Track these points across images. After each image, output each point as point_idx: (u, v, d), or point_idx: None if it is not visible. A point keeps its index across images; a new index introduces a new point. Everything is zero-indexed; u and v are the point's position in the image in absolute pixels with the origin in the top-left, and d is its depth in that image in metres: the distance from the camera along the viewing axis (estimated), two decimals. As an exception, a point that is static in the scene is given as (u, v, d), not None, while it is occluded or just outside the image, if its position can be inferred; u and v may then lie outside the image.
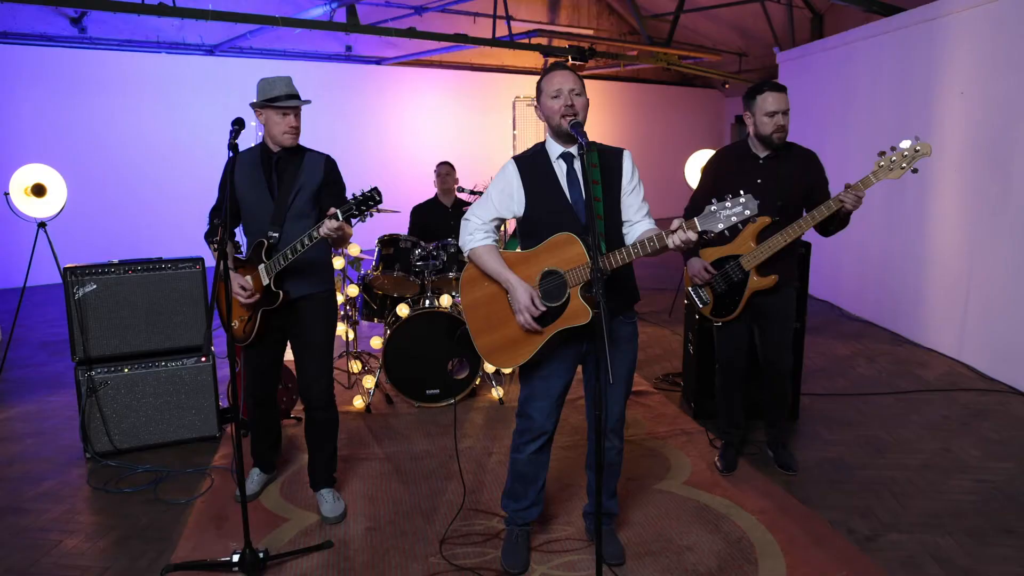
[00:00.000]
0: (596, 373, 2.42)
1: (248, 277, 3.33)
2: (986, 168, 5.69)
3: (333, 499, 3.58)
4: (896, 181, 3.77)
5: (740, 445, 4.21)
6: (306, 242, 3.15)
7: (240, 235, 3.51)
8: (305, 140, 3.45)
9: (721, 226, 2.49)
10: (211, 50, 10.90)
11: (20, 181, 5.49)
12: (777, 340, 3.86)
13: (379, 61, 12.53)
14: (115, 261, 4.22)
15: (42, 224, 5.62)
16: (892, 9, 7.25)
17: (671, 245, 2.58)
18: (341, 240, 3.21)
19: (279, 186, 3.31)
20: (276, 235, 3.30)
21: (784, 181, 3.65)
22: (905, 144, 3.35)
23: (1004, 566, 3.12)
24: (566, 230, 2.76)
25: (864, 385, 5.44)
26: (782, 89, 3.58)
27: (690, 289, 3.89)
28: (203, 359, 4.34)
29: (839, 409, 4.95)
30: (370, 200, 3.03)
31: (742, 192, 2.50)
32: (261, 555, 3.02)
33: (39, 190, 5.53)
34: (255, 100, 3.30)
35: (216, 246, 3.15)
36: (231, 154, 2.98)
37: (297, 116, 3.32)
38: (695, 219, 2.53)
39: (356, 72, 12.34)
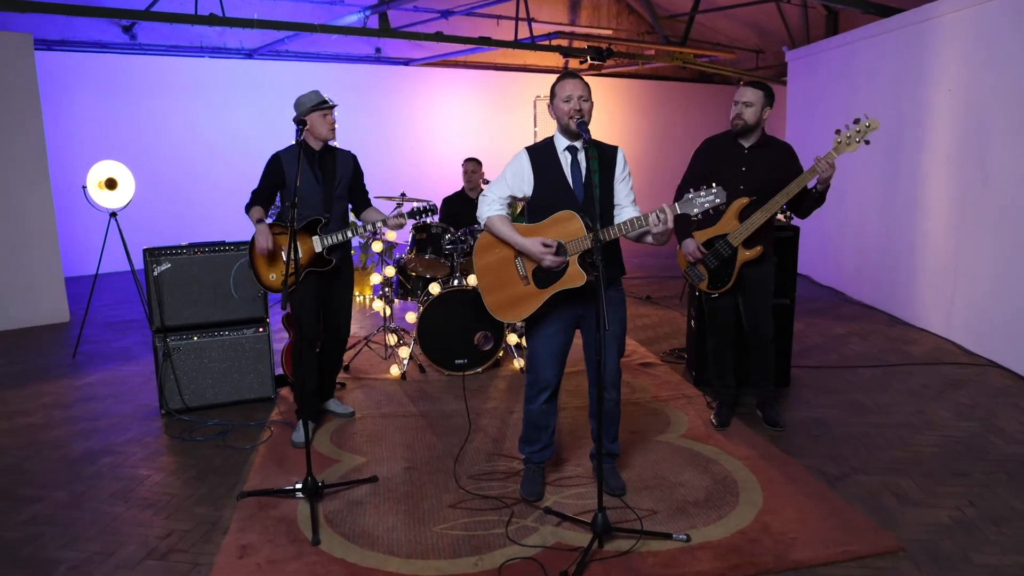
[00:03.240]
0: (595, 328, 3.00)
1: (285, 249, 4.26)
2: (970, 160, 6.16)
3: (341, 403, 4.86)
4: (892, 172, 4.28)
5: (733, 405, 4.75)
6: (370, 228, 4.23)
7: (272, 215, 4.50)
8: (339, 137, 4.30)
9: (696, 211, 3.14)
10: (250, 54, 11.56)
11: (95, 176, 6.16)
12: (758, 308, 4.41)
13: (407, 62, 13.14)
14: (184, 244, 4.86)
15: (113, 214, 6.29)
16: (889, 11, 7.71)
17: (650, 222, 3.19)
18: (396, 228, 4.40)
19: (323, 176, 4.23)
20: (329, 215, 4.23)
21: (765, 168, 4.20)
22: (857, 121, 3.97)
23: (951, 500, 3.64)
24: (567, 209, 3.33)
25: (854, 359, 5.95)
26: (752, 85, 4.14)
27: (686, 271, 4.43)
28: (260, 329, 4.97)
29: (828, 380, 5.46)
30: (430, 211, 4.52)
31: (714, 184, 3.11)
32: (320, 484, 3.62)
33: (111, 183, 6.19)
34: (297, 115, 4.10)
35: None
36: (297, 148, 3.67)
37: (332, 115, 4.25)
38: (675, 203, 3.14)
39: (386, 73, 12.95)
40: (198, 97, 11.12)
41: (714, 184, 3.16)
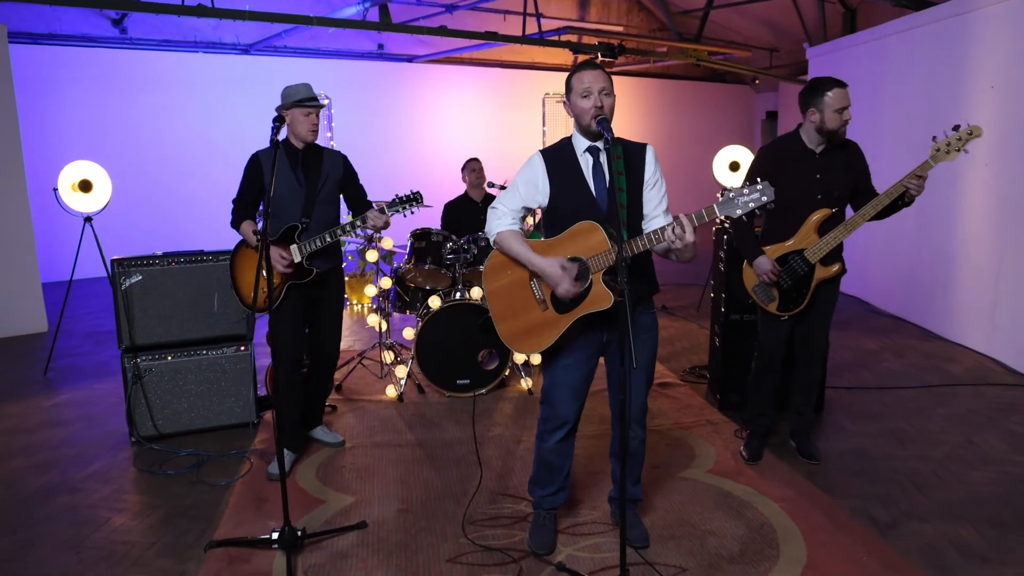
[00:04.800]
0: (620, 360, 2.52)
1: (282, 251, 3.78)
2: (1013, 162, 5.68)
3: (328, 431, 4.36)
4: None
5: (765, 435, 4.27)
6: (348, 229, 3.72)
7: (260, 219, 3.94)
8: (339, 136, 3.78)
9: (739, 211, 2.62)
10: (246, 49, 11.13)
11: (68, 177, 5.71)
12: (820, 324, 3.94)
13: (411, 59, 12.69)
14: (159, 253, 4.41)
15: (88, 219, 5.83)
16: (922, 4, 7.23)
17: (666, 238, 2.68)
18: (381, 227, 3.81)
19: (306, 178, 3.78)
20: (308, 220, 3.77)
21: (840, 172, 3.72)
22: (957, 127, 3.45)
23: (1024, 554, 3.17)
24: (589, 220, 2.86)
25: (890, 379, 5.47)
26: (845, 85, 3.63)
27: (754, 289, 3.92)
28: (242, 348, 4.51)
29: (864, 402, 4.99)
30: (414, 200, 3.86)
31: (759, 179, 2.61)
32: (299, 533, 3.16)
33: (86, 186, 5.74)
34: (280, 104, 3.74)
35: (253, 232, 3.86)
36: (273, 149, 3.15)
37: (317, 115, 3.78)
38: (713, 205, 2.65)
39: (388, 70, 12.51)
40: (192, 94, 10.69)
41: (759, 179, 2.66)
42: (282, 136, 3.81)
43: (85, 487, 3.83)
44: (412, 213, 3.90)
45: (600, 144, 2.92)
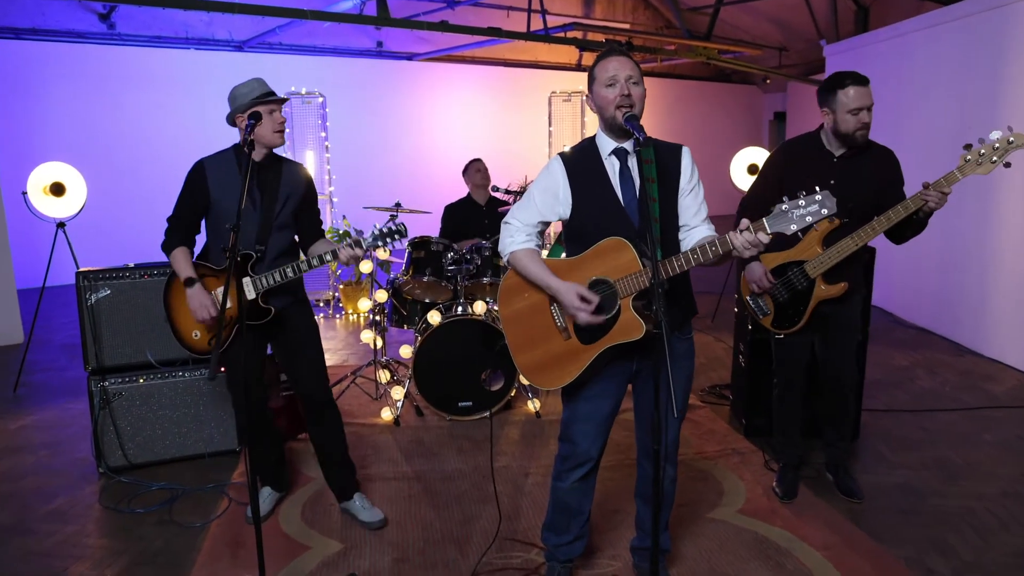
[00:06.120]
0: (652, 396, 2.12)
1: (219, 289, 3.12)
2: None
3: (368, 504, 3.49)
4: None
5: (799, 467, 3.86)
6: (314, 263, 3.06)
7: (201, 242, 3.31)
8: (335, 137, 3.27)
9: (794, 227, 2.22)
10: (240, 46, 10.73)
11: (38, 180, 5.29)
12: (842, 353, 3.54)
13: (410, 57, 12.30)
14: (131, 265, 4.00)
15: (61, 224, 5.41)
16: (951, -2, 6.82)
17: (737, 246, 2.27)
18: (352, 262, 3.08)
19: (262, 197, 3.14)
20: (263, 248, 3.12)
21: (860, 182, 3.29)
22: (996, 135, 3.02)
23: (1110, 617, 2.76)
24: (617, 234, 2.45)
25: (927, 400, 5.06)
26: (865, 82, 3.20)
27: (748, 298, 3.56)
28: (221, 369, 4.08)
29: (902, 427, 4.58)
30: (396, 233, 3.06)
31: (818, 188, 2.20)
32: (278, 591, 2.74)
33: (58, 189, 5.32)
34: (231, 111, 3.12)
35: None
36: (248, 153, 2.73)
37: (281, 111, 3.16)
38: (764, 220, 2.24)
39: (387, 68, 12.11)
40: (184, 92, 10.27)
41: (817, 188, 2.24)
42: (234, 143, 3.21)
43: (43, 528, 3.42)
44: (393, 248, 3.33)
45: (628, 145, 2.51)
